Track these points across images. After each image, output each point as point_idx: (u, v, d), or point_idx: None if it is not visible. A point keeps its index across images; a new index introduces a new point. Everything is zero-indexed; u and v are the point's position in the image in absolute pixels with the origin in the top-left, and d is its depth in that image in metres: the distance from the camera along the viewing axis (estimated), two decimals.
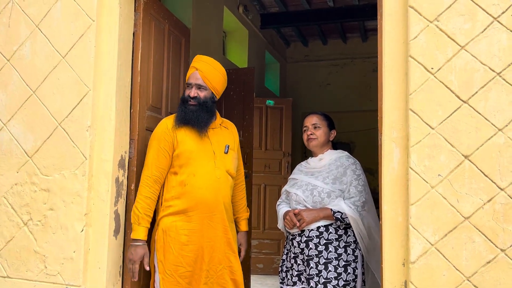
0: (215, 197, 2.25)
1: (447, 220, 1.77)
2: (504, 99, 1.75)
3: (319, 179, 2.29)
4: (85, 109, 2.32)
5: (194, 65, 2.37)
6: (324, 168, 2.33)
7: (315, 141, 2.38)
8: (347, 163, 2.32)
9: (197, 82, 2.32)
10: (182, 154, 2.25)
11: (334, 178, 2.28)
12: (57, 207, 2.31)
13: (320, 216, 2.21)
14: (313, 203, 2.25)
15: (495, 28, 1.78)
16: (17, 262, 2.35)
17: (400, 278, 1.85)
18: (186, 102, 2.31)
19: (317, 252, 2.20)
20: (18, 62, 2.45)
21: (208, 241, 2.24)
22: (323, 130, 2.40)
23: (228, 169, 2.33)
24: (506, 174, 1.72)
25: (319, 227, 2.22)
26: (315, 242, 2.20)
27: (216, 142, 2.34)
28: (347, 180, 2.27)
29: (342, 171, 2.29)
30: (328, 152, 2.40)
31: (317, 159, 2.40)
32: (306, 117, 2.48)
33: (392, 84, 1.91)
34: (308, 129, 2.42)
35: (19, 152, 2.41)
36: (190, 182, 2.23)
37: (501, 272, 1.70)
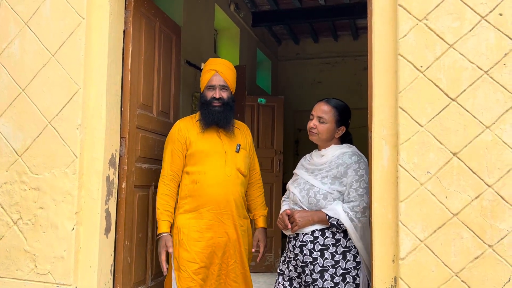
0: (224, 194, 2.32)
1: (436, 217, 1.79)
2: (491, 97, 1.77)
3: (318, 178, 2.07)
4: (75, 107, 2.31)
5: (213, 67, 2.43)
6: (324, 166, 2.09)
7: (315, 136, 2.14)
8: (349, 161, 2.05)
9: (220, 84, 2.39)
10: (194, 154, 2.35)
11: (333, 178, 2.04)
12: (47, 206, 2.29)
13: (314, 219, 2.00)
14: (308, 204, 2.04)
15: (483, 27, 1.80)
16: (7, 261, 2.34)
17: (390, 274, 1.87)
18: (210, 104, 2.38)
19: (311, 259, 1.98)
20: (7, 60, 2.43)
21: (220, 236, 2.31)
22: (328, 126, 2.11)
23: (239, 167, 2.39)
24: (493, 171, 1.75)
25: (314, 231, 2.01)
26: (310, 248, 1.99)
27: (228, 142, 2.42)
28: (348, 182, 2.01)
29: (343, 170, 2.03)
30: (331, 148, 2.14)
31: (319, 154, 2.16)
32: (317, 103, 2.18)
33: (382, 82, 1.92)
34: (312, 120, 2.14)
35: (8, 151, 2.39)
36: (201, 180, 2.32)
37: (489, 267, 1.72)
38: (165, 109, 2.99)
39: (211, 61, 2.50)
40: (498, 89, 1.77)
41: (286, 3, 6.08)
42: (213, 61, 2.50)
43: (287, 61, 8.17)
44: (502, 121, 1.75)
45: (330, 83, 7.90)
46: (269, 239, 5.72)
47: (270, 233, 5.71)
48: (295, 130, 8.10)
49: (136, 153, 2.56)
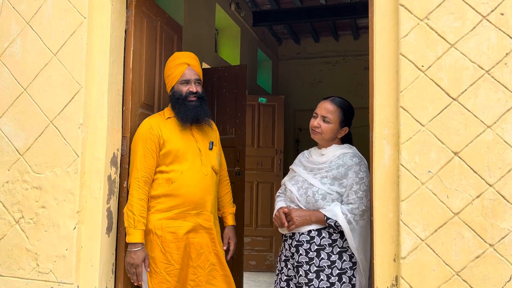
0: (202, 194, 2.28)
1: (437, 216, 1.79)
2: (492, 97, 1.77)
3: (317, 177, 2.04)
4: (77, 106, 2.31)
5: (185, 61, 2.36)
6: (324, 166, 2.07)
7: (318, 135, 2.11)
8: (350, 162, 2.03)
9: (195, 77, 2.34)
10: (169, 153, 2.27)
11: (333, 179, 2.02)
12: (49, 205, 2.30)
13: (311, 219, 1.99)
14: (306, 203, 2.03)
15: (484, 26, 1.80)
16: (8, 260, 2.34)
17: (391, 274, 1.88)
18: (186, 99, 2.31)
19: (307, 259, 1.98)
20: (8, 59, 2.44)
21: (194, 237, 2.26)
22: (332, 126, 2.08)
23: (213, 165, 2.37)
24: (494, 171, 1.75)
25: (310, 231, 2.00)
26: (306, 248, 1.99)
27: (201, 139, 2.38)
28: (348, 183, 2.00)
29: (343, 172, 2.01)
30: (332, 148, 2.12)
31: (319, 153, 2.14)
32: (322, 101, 2.15)
33: (383, 81, 1.93)
34: (316, 118, 2.11)
35: (10, 150, 2.39)
36: (178, 179, 2.25)
37: (490, 266, 1.73)
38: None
39: (179, 55, 2.42)
40: (499, 88, 1.77)
41: (287, 3, 6.08)
42: (181, 54, 2.42)
43: (288, 61, 8.17)
44: (503, 121, 1.76)
45: (331, 82, 7.91)
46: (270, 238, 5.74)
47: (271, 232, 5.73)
48: (295, 130, 8.10)
49: None
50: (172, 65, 2.37)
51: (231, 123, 4.43)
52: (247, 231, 5.50)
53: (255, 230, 5.77)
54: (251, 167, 5.69)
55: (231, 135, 4.37)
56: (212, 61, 5.10)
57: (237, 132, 4.38)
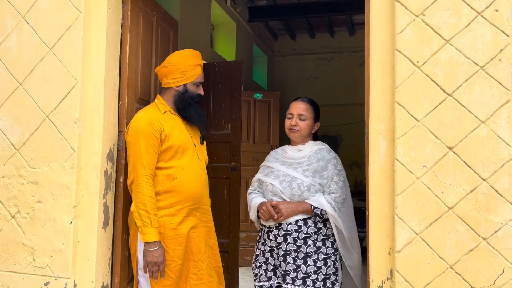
0: (201, 189, 2.32)
1: (431, 210, 1.81)
2: (487, 92, 1.79)
3: (299, 171, 2.18)
4: (73, 101, 2.30)
5: (200, 63, 2.41)
6: (303, 160, 2.22)
7: (297, 133, 2.26)
8: (328, 156, 2.23)
9: (203, 81, 2.42)
10: (170, 148, 2.25)
11: (314, 171, 2.18)
12: (45, 200, 2.30)
13: (299, 210, 2.12)
14: (291, 195, 2.15)
15: (479, 22, 1.82)
16: (4, 255, 2.34)
17: (386, 267, 1.90)
18: (196, 102, 2.38)
19: (295, 246, 2.11)
20: (4, 53, 2.42)
21: (194, 232, 2.29)
22: (308, 122, 2.27)
23: (206, 159, 2.44)
24: (488, 165, 1.77)
25: (298, 221, 2.13)
26: (294, 236, 2.12)
27: (193, 134, 2.41)
28: (328, 175, 2.18)
29: (324, 164, 2.19)
30: (309, 144, 2.29)
31: (295, 149, 2.29)
32: (294, 103, 2.32)
33: (379, 77, 1.94)
34: (292, 118, 2.27)
35: (6, 145, 2.39)
36: (179, 175, 2.24)
37: (483, 260, 1.75)
38: None
39: (196, 55, 2.44)
40: (494, 84, 1.79)
41: None
42: (198, 55, 2.45)
43: (284, 57, 8.18)
44: (497, 116, 1.78)
45: (326, 78, 7.93)
46: None
47: None
48: None
49: None
50: (190, 63, 2.36)
51: (227, 118, 4.43)
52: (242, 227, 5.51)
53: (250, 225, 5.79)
54: (246, 163, 5.70)
55: (227, 130, 4.37)
56: (208, 57, 5.09)
57: (233, 127, 4.38)
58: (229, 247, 3.78)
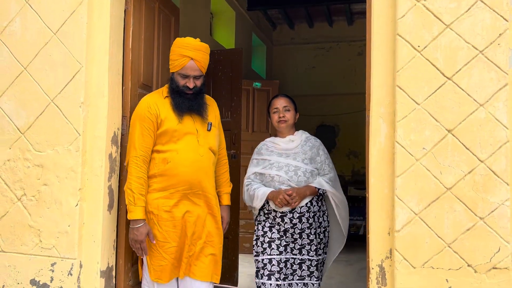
0: (197, 174, 2.28)
1: (430, 191, 1.86)
2: (485, 76, 1.84)
3: (298, 160, 2.49)
4: (78, 85, 2.33)
5: (188, 54, 2.27)
6: (298, 150, 2.52)
7: (285, 123, 2.54)
8: (317, 143, 2.59)
9: (195, 74, 2.29)
10: (166, 132, 2.27)
11: (310, 159, 2.51)
12: (51, 183, 2.34)
13: (307, 193, 2.45)
14: (298, 182, 2.44)
15: (479, 7, 1.85)
16: (11, 236, 2.39)
17: (385, 247, 1.96)
18: (182, 92, 2.29)
19: (308, 224, 2.46)
20: (8, 38, 2.44)
21: (190, 216, 2.28)
22: (292, 113, 2.58)
23: (211, 146, 2.37)
24: (485, 147, 1.82)
25: (307, 203, 2.46)
26: (306, 216, 2.46)
27: (199, 120, 2.35)
28: (321, 159, 2.55)
29: (316, 151, 2.54)
30: (298, 134, 2.60)
31: (286, 140, 2.56)
32: (276, 99, 2.62)
33: (380, 61, 1.98)
34: (279, 111, 2.56)
35: (11, 129, 2.42)
36: (173, 159, 2.25)
37: (479, 238, 1.81)
38: None
39: (186, 45, 2.29)
40: (492, 68, 1.83)
41: None
42: (189, 45, 2.29)
43: (282, 46, 8.18)
44: (495, 99, 1.83)
45: (325, 68, 7.95)
46: None
47: None
48: None
49: None
50: (176, 52, 2.29)
51: (227, 106, 4.46)
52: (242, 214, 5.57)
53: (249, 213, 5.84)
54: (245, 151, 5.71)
55: (227, 118, 4.40)
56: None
57: (233, 115, 4.41)
58: (229, 233, 3.83)
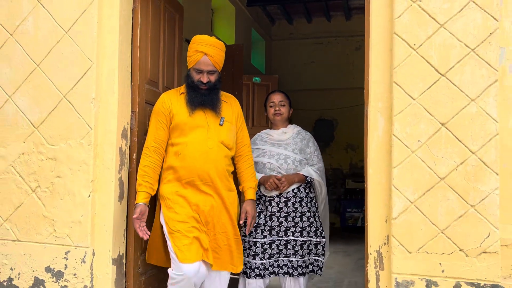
0: (204, 165, 2.34)
1: (425, 181, 1.99)
2: (477, 73, 1.95)
3: (289, 150, 2.74)
4: (89, 82, 2.44)
5: (202, 49, 2.36)
6: (290, 141, 2.78)
7: (280, 116, 2.80)
8: (307, 136, 2.84)
9: (208, 69, 2.37)
10: (177, 126, 2.38)
11: (300, 149, 2.76)
12: (64, 175, 2.45)
13: (295, 180, 2.67)
14: (287, 169, 2.69)
15: (471, 8, 1.97)
16: (26, 226, 2.50)
17: (383, 233, 2.08)
18: (197, 87, 2.38)
19: (294, 208, 2.68)
20: (21, 36, 2.54)
21: (204, 205, 2.36)
22: (287, 107, 2.83)
23: (222, 140, 2.42)
24: (477, 140, 1.95)
25: (294, 189, 2.69)
26: (292, 201, 2.68)
27: (212, 115, 2.42)
28: (311, 151, 2.80)
29: (306, 143, 2.80)
30: (290, 127, 2.85)
31: (280, 132, 2.81)
32: (273, 94, 2.87)
33: (378, 59, 2.10)
34: (275, 105, 2.81)
35: (25, 123, 2.52)
36: (183, 151, 2.35)
37: (470, 225, 1.94)
38: (169, 85, 3.12)
39: (200, 41, 2.40)
40: (483, 65, 1.95)
41: None
42: (203, 41, 2.40)
43: (281, 41, 8.27)
44: (486, 95, 1.94)
45: (323, 63, 8.04)
46: None
47: None
48: None
49: (145, 126, 2.71)
50: (192, 48, 2.40)
51: None
52: None
53: None
54: None
55: None
56: None
57: None
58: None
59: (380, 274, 2.08)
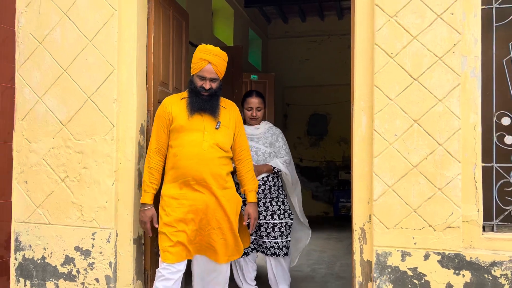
0: (198, 166, 2.47)
1: (400, 168, 2.37)
2: (443, 77, 2.33)
3: (260, 143, 3.17)
4: (111, 85, 2.79)
5: (207, 58, 2.51)
6: (261, 135, 3.22)
7: (256, 121, 3.25)
8: (277, 132, 3.30)
9: (211, 77, 2.53)
10: (175, 129, 2.54)
11: (270, 143, 3.20)
12: (90, 166, 2.81)
13: (263, 170, 3.11)
14: (257, 161, 3.12)
15: (439, 23, 2.34)
16: (57, 211, 2.86)
17: (366, 213, 2.46)
18: (199, 92, 2.53)
19: (263, 195, 3.13)
20: (49, 45, 2.89)
21: (199, 204, 2.50)
22: (263, 111, 3.27)
23: (217, 142, 2.53)
24: (443, 134, 2.32)
25: (263, 178, 3.15)
26: (262, 188, 3.14)
27: (209, 119, 2.55)
28: (279, 145, 3.24)
29: (275, 138, 3.25)
30: (263, 123, 3.30)
31: (253, 128, 3.24)
32: (251, 98, 3.22)
33: (362, 65, 2.46)
34: (252, 110, 3.21)
35: (54, 121, 2.87)
36: (179, 153, 2.51)
37: (438, 205, 2.32)
38: (178, 86, 3.48)
39: (205, 50, 2.54)
40: (449, 71, 2.32)
41: None
42: (207, 50, 2.54)
43: (277, 39, 8.62)
44: (450, 96, 2.32)
45: (317, 60, 8.40)
46: None
47: None
48: (283, 105, 8.63)
49: None
50: (197, 56, 2.55)
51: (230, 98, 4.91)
52: None
53: None
54: None
55: None
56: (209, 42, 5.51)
57: None
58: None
59: (364, 247, 2.47)
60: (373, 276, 2.39)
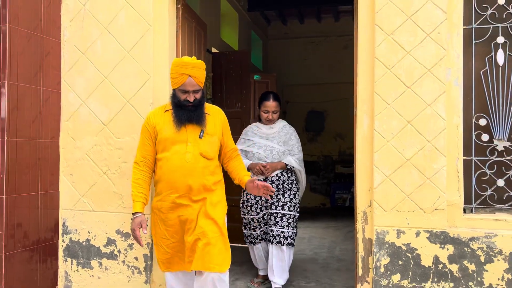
0: (183, 178, 2.50)
1: (396, 161, 2.84)
2: (431, 86, 2.80)
3: (274, 142, 3.46)
4: (147, 90, 3.22)
5: (186, 72, 2.50)
6: (276, 134, 3.50)
7: (272, 122, 3.54)
8: (290, 130, 3.56)
9: (194, 89, 2.53)
10: (160, 142, 2.58)
11: (284, 142, 3.48)
12: (129, 160, 3.24)
13: (277, 167, 3.43)
14: (272, 159, 3.42)
15: (428, 41, 2.81)
16: (99, 200, 3.30)
17: (367, 199, 2.94)
18: (184, 105, 2.53)
19: (277, 188, 3.47)
20: (91, 55, 3.31)
21: (181, 215, 2.55)
22: (279, 114, 3.55)
23: (202, 152, 2.54)
24: (431, 133, 2.80)
25: (277, 174, 3.46)
26: (276, 183, 3.46)
27: (192, 129, 2.55)
28: (292, 143, 3.52)
29: (289, 137, 3.52)
30: (277, 122, 3.57)
31: (268, 127, 3.54)
32: (268, 102, 3.47)
33: (364, 75, 2.93)
34: (269, 113, 3.49)
35: (96, 122, 3.31)
36: (164, 165, 2.55)
37: (427, 191, 2.80)
38: None
39: (183, 64, 2.51)
40: (436, 81, 2.80)
41: None
42: (186, 64, 2.51)
43: (276, 40, 9.06)
44: (437, 101, 2.80)
45: (315, 60, 8.85)
46: None
47: None
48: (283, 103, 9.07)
49: None
50: (175, 71, 2.53)
51: (238, 98, 5.40)
52: None
53: None
54: None
55: (237, 108, 5.37)
56: (218, 46, 5.96)
57: (242, 106, 5.35)
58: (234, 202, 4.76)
59: (365, 228, 2.95)
60: (373, 251, 2.87)
